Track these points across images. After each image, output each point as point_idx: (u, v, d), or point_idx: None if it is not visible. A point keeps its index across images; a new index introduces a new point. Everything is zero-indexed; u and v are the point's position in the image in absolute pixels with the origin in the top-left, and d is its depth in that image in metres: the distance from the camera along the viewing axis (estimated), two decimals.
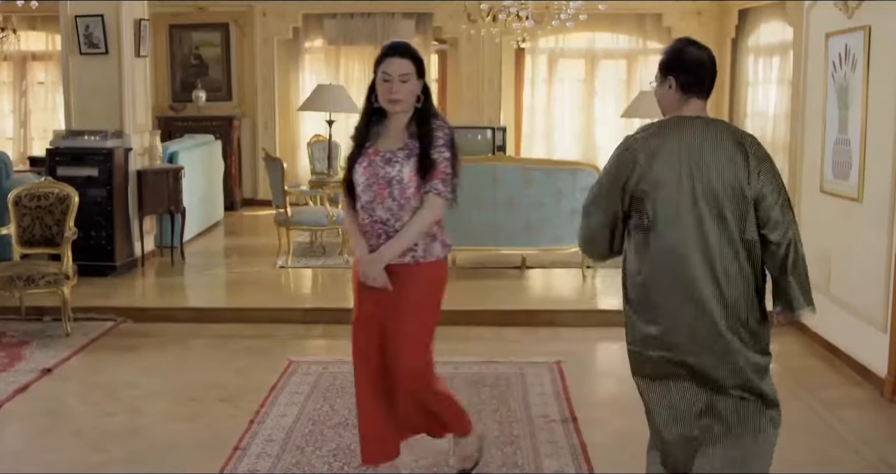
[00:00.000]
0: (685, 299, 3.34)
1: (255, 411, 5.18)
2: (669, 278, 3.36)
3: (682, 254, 3.34)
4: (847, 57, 6.00)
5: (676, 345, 3.37)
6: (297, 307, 7.37)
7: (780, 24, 10.73)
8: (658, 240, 3.38)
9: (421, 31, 12.85)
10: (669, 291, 3.36)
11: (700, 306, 3.33)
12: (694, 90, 3.55)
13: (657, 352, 3.42)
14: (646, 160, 3.44)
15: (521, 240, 8.19)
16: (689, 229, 3.34)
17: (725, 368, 3.37)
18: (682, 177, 3.36)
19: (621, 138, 3.79)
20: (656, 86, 3.66)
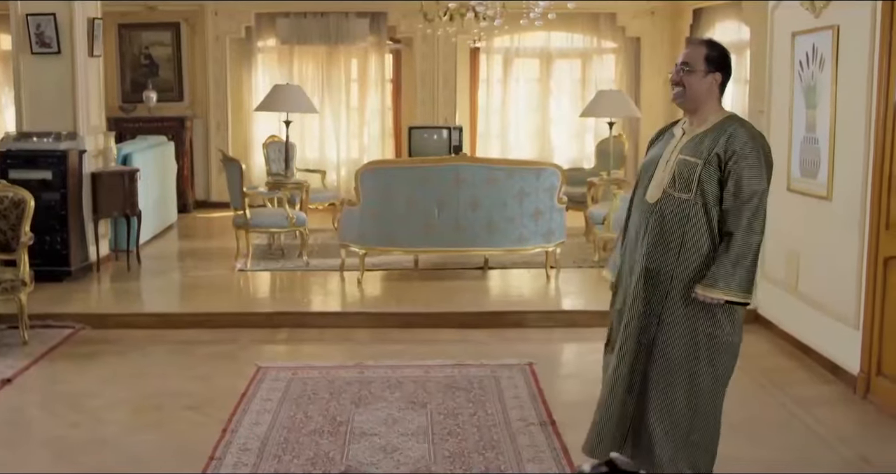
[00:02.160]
0: None
1: (227, 419, 5.04)
2: None
3: None
4: (814, 56, 6.02)
5: None
6: (260, 311, 7.24)
7: (736, 24, 10.80)
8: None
9: (375, 30, 12.74)
10: None
11: None
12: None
13: None
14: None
15: (484, 240, 8.11)
16: None
17: None
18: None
19: (577, 137, 4.01)
20: (699, 76, 3.80)
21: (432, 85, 12.86)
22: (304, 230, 8.90)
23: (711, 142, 3.75)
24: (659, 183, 3.83)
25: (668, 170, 3.81)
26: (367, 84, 12.92)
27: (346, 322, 7.05)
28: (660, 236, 3.80)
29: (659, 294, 3.83)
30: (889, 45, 5.11)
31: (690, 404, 3.84)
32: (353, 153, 13.10)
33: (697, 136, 3.82)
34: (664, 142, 3.99)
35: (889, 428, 4.97)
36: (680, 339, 3.81)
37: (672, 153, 3.84)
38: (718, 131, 3.78)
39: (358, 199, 8.07)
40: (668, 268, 3.80)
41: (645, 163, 4.01)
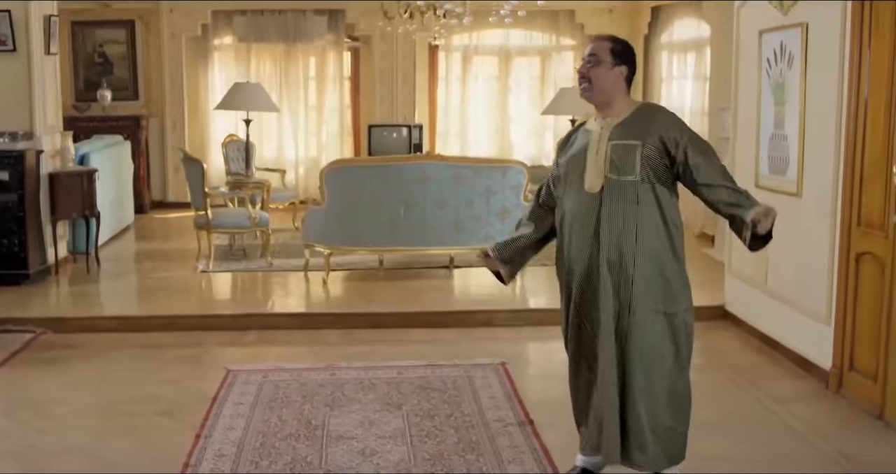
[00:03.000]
0: None
1: (200, 424, 4.94)
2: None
3: None
4: (783, 54, 6.04)
5: None
6: (226, 313, 7.13)
7: (695, 21, 10.85)
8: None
9: (333, 28, 12.65)
10: None
11: None
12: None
13: None
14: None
15: (451, 239, 8.07)
16: None
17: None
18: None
19: (536, 135, 4.00)
20: (605, 68, 3.85)
21: (391, 83, 12.79)
22: (266, 230, 8.79)
23: (644, 125, 3.78)
24: (597, 172, 3.79)
25: (602, 158, 3.78)
26: (325, 82, 12.83)
27: (315, 323, 6.96)
28: (613, 223, 3.76)
29: (624, 280, 3.79)
30: (860, 43, 5.14)
31: (665, 388, 3.84)
32: (312, 152, 13.00)
33: (621, 124, 3.82)
34: (580, 141, 3.95)
35: (864, 423, 5.00)
36: (650, 323, 3.80)
37: (599, 143, 3.82)
38: (643, 115, 3.83)
39: (323, 199, 7.99)
40: (630, 251, 3.77)
41: (566, 162, 3.94)
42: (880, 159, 4.94)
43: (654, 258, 3.78)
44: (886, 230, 4.91)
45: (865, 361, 5.16)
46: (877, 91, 5.00)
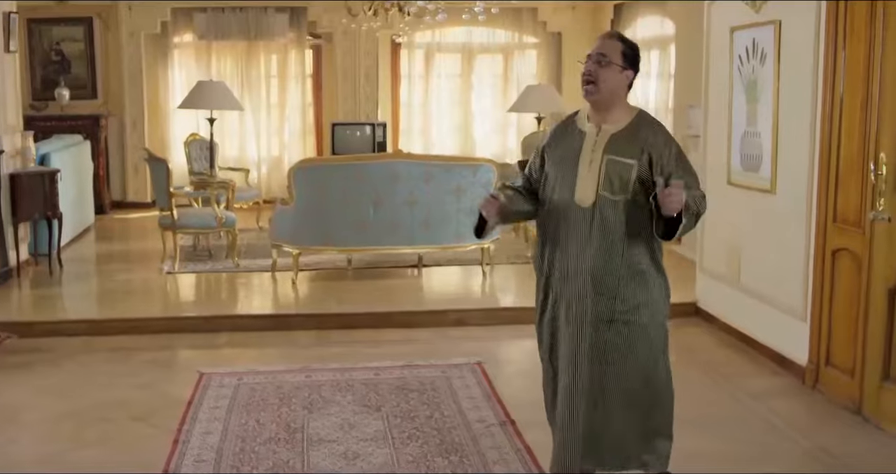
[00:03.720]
0: None
1: (176, 429, 4.85)
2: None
3: None
4: (755, 51, 6.07)
5: None
6: (196, 315, 7.01)
7: (659, 19, 10.88)
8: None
9: (295, 25, 12.53)
10: None
11: None
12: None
13: None
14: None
15: (421, 238, 8.02)
16: None
17: None
18: None
19: (499, 132, 3.82)
20: (614, 70, 3.68)
21: (354, 80, 12.70)
22: (233, 230, 8.68)
23: (640, 141, 3.64)
24: (590, 185, 3.67)
25: (595, 171, 3.66)
26: (286, 80, 12.71)
27: (287, 324, 6.88)
28: (603, 240, 3.66)
29: (608, 295, 3.71)
30: (835, 42, 5.17)
31: (648, 390, 3.81)
32: (274, 151, 12.89)
33: (618, 135, 3.68)
34: (570, 141, 3.79)
35: (842, 418, 5.03)
36: (633, 330, 3.75)
37: (594, 152, 3.67)
38: (640, 128, 3.69)
39: (291, 198, 7.89)
40: (615, 269, 3.68)
41: (555, 165, 3.79)
42: (856, 156, 4.97)
43: (640, 275, 3.71)
44: (863, 226, 4.94)
45: (842, 357, 5.20)
46: (852, 89, 5.03)
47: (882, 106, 4.75)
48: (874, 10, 4.80)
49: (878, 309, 4.82)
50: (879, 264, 4.81)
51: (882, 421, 4.83)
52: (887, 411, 4.80)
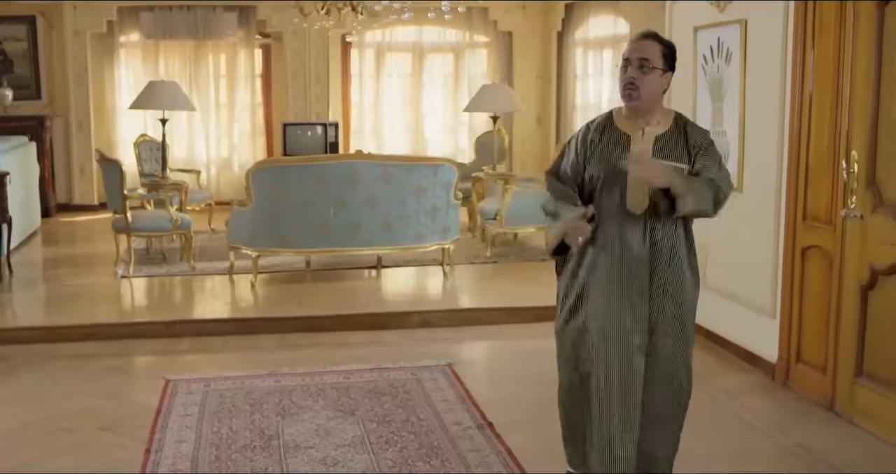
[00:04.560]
0: None
1: (147, 438, 4.72)
2: None
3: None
4: (720, 50, 6.10)
5: None
6: (157, 320, 6.85)
7: (611, 19, 10.93)
8: None
9: (244, 24, 12.37)
10: None
11: None
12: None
13: None
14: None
15: (381, 239, 7.94)
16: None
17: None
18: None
19: (451, 132, 3.71)
20: (657, 75, 3.63)
21: (304, 80, 12.57)
22: (188, 233, 8.52)
23: (683, 142, 3.62)
24: (641, 191, 3.55)
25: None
26: (235, 80, 12.55)
27: (250, 328, 6.76)
28: (656, 249, 3.60)
29: (656, 305, 3.64)
30: (804, 41, 5.21)
31: (676, 398, 3.79)
32: (223, 152, 12.71)
33: (662, 138, 3.63)
34: (613, 141, 3.68)
35: (816, 414, 5.07)
36: (672, 341, 3.69)
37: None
38: (681, 130, 3.65)
39: (250, 199, 7.77)
40: (663, 278, 3.62)
41: (600, 170, 3.66)
42: (826, 155, 5.01)
43: (688, 281, 3.68)
44: (834, 224, 4.98)
45: (813, 353, 5.24)
46: (822, 88, 5.07)
47: (853, 104, 4.80)
48: (844, 10, 4.85)
49: (851, 306, 4.87)
50: (852, 261, 4.85)
51: (855, 417, 4.88)
52: (861, 407, 4.84)
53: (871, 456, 4.53)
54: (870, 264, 4.72)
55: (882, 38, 4.58)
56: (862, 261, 4.78)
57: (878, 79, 4.61)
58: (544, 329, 6.91)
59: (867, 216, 4.71)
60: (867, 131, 4.69)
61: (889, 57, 4.55)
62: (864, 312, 4.78)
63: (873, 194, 4.67)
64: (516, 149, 12.92)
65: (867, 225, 4.73)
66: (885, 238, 4.60)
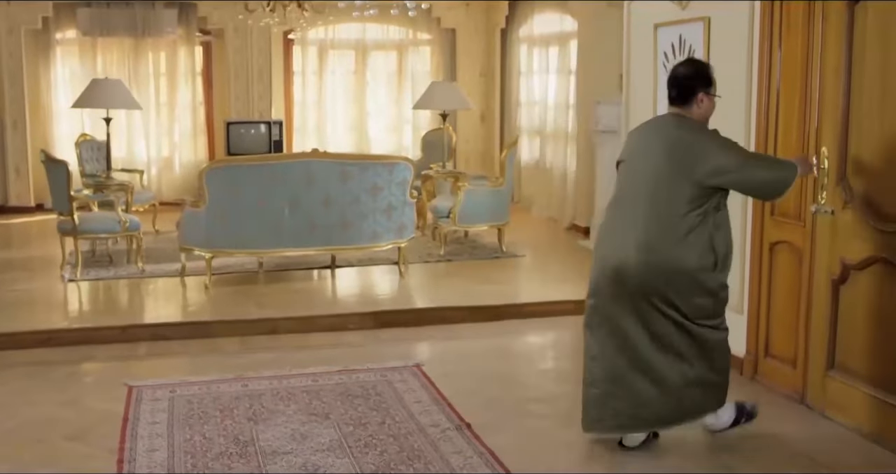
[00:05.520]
0: None
1: (118, 448, 4.58)
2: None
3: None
4: (682, 47, 6.14)
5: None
6: (114, 325, 6.66)
7: (557, 16, 10.96)
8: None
9: (184, 21, 12.16)
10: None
11: None
12: (670, 100, 4.48)
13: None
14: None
15: (338, 238, 7.84)
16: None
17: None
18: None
19: (395, 130, 3.91)
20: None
21: (246, 78, 12.41)
22: (137, 234, 8.33)
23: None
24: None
25: None
26: (176, 78, 12.32)
27: (209, 331, 6.62)
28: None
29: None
30: (770, 40, 5.26)
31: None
32: (164, 151, 12.48)
33: None
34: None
35: (788, 407, 5.12)
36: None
37: None
38: None
39: (203, 200, 7.61)
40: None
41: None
42: (795, 151, 5.05)
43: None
44: (804, 219, 5.04)
45: (782, 348, 5.30)
46: (790, 85, 5.12)
47: (823, 101, 4.85)
48: (812, 9, 4.90)
49: (822, 300, 4.93)
50: (822, 256, 4.91)
51: (827, 410, 4.94)
52: (833, 399, 4.90)
53: (847, 448, 4.59)
54: (841, 259, 4.78)
55: (852, 36, 4.63)
56: (833, 256, 4.84)
57: (849, 77, 4.67)
58: (505, 327, 6.97)
59: (838, 211, 4.77)
60: (838, 128, 4.75)
61: (859, 55, 4.61)
62: (835, 306, 4.84)
63: (844, 190, 4.73)
64: (460, 146, 12.89)
65: (838, 220, 4.79)
66: (857, 233, 4.66)
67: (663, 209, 4.21)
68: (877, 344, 4.58)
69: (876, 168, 4.56)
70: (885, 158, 4.49)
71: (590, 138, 9.72)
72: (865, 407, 4.65)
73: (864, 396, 4.66)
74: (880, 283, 4.54)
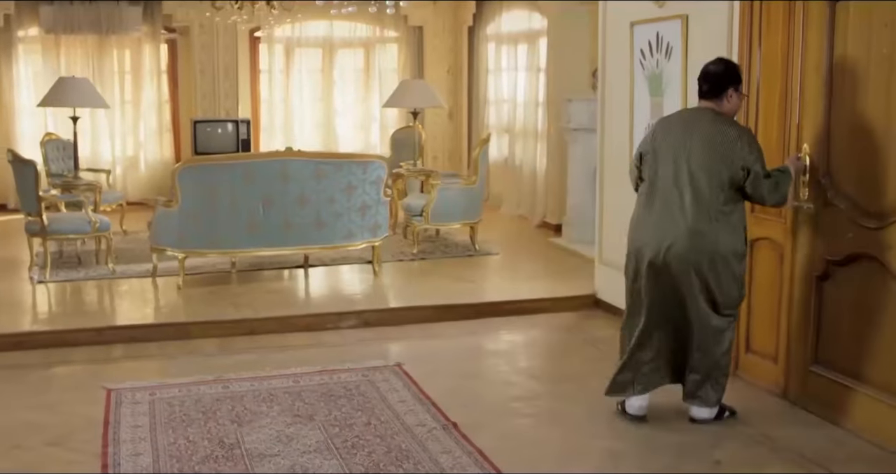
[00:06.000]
0: None
1: (101, 453, 4.51)
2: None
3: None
4: (659, 45, 6.16)
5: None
6: (88, 327, 6.56)
7: (526, 14, 10.97)
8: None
9: (149, 19, 12.02)
10: None
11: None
12: (701, 93, 4.74)
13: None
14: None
15: (312, 238, 7.79)
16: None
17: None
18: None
19: (362, 128, 4.00)
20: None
21: (212, 76, 12.31)
22: (108, 235, 8.22)
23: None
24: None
25: None
26: (141, 76, 12.18)
27: (187, 333, 6.55)
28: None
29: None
30: (750, 38, 5.29)
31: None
32: (129, 150, 12.34)
33: None
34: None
35: (770, 402, 5.16)
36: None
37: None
38: None
39: (176, 200, 7.53)
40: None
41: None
42: (776, 148, 5.09)
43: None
44: (784, 216, 5.08)
45: (763, 343, 5.34)
46: (770, 84, 5.16)
47: (804, 100, 4.89)
48: (793, 8, 4.93)
49: (803, 295, 4.97)
50: (804, 252, 4.96)
51: (809, 405, 4.98)
52: (815, 395, 4.94)
53: (831, 442, 4.63)
54: (823, 255, 4.82)
55: (834, 34, 4.67)
56: (815, 252, 4.88)
57: (831, 75, 4.71)
58: (483, 326, 6.96)
59: (820, 208, 4.82)
60: (820, 125, 4.79)
61: (841, 52, 4.65)
62: (818, 302, 4.88)
63: (826, 186, 4.77)
64: (428, 144, 12.86)
65: (820, 217, 4.83)
66: (839, 229, 4.70)
67: (705, 198, 4.51)
68: (860, 339, 4.62)
69: (858, 165, 4.60)
70: (868, 156, 4.53)
71: (561, 136, 9.74)
72: (849, 402, 4.70)
73: (848, 391, 4.70)
74: (863, 279, 4.59)
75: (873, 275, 4.52)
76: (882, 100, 4.43)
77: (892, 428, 4.43)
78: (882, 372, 4.51)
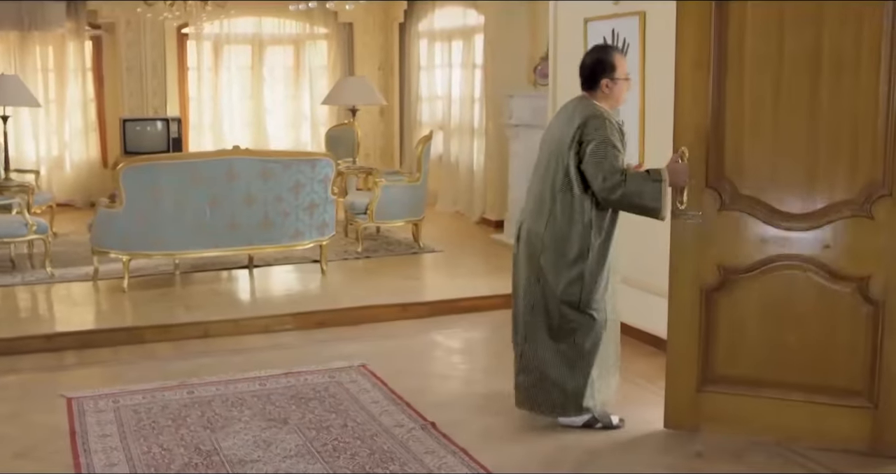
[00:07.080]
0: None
1: (72, 464, 4.38)
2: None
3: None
4: (615, 41, 6.20)
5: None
6: (37, 334, 6.35)
7: (461, 10, 10.96)
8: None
9: (73, 15, 11.67)
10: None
11: None
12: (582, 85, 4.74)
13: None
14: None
15: (260, 237, 7.67)
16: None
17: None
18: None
19: (293, 126, 4.05)
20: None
21: (140, 74, 12.02)
22: (46, 238, 7.96)
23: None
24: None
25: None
26: (65, 74, 11.83)
27: (140, 337, 6.39)
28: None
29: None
30: None
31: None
32: (54, 150, 11.98)
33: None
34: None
35: None
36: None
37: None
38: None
39: (120, 201, 7.34)
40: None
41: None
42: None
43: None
44: None
45: None
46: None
47: (681, 97, 4.83)
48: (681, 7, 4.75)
49: (687, 312, 4.83)
50: (687, 266, 4.83)
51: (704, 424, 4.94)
52: (711, 414, 4.82)
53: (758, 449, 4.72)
54: (719, 265, 4.65)
55: (722, 32, 4.48)
56: (706, 263, 4.72)
57: (719, 72, 4.50)
58: (438, 324, 6.94)
59: (711, 215, 4.61)
60: (705, 126, 4.55)
61: (735, 50, 4.46)
62: (709, 316, 4.73)
63: (721, 192, 4.59)
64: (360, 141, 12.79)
65: (711, 225, 4.64)
66: (743, 235, 4.57)
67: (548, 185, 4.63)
68: (774, 345, 4.50)
69: (767, 166, 4.45)
70: (777, 156, 4.42)
71: (501, 132, 9.76)
72: (764, 412, 4.59)
73: (760, 401, 4.57)
74: (778, 283, 4.46)
75: (788, 278, 4.42)
76: (769, 95, 4.33)
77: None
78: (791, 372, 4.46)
